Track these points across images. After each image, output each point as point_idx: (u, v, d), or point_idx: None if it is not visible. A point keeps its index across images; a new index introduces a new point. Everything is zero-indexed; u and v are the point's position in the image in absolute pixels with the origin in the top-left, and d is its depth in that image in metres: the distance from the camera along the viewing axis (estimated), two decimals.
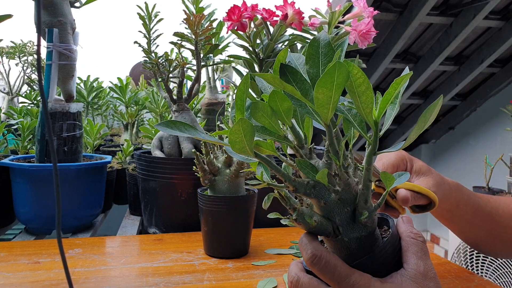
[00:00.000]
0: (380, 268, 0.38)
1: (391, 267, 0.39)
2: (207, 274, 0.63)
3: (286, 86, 0.33)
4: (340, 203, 0.37)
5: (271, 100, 0.34)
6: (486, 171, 2.08)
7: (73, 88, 0.94)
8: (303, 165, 0.36)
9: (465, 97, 3.72)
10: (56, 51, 0.88)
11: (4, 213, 0.95)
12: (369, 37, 0.75)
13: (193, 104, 1.48)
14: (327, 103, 0.32)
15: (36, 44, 0.35)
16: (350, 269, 0.36)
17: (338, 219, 0.37)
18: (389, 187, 0.37)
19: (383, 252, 0.38)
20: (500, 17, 2.73)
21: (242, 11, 0.75)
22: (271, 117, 0.35)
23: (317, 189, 0.37)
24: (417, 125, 0.35)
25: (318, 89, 0.31)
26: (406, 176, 0.38)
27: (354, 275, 0.36)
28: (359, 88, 0.32)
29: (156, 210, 0.91)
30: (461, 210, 0.61)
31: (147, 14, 0.95)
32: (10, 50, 1.80)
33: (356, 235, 0.38)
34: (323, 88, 0.31)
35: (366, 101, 0.33)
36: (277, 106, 0.35)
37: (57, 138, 0.89)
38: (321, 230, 0.37)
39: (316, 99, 0.32)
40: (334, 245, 0.39)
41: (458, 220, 0.63)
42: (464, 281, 0.62)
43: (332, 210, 0.37)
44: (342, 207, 0.37)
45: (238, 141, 0.34)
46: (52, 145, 0.37)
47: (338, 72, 0.30)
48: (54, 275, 0.61)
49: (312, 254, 0.37)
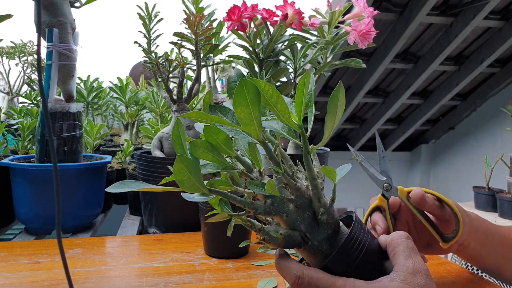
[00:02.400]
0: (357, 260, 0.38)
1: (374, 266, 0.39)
2: (207, 274, 0.63)
3: (212, 118, 0.35)
4: (299, 210, 0.38)
5: (207, 135, 0.36)
6: (486, 171, 2.08)
7: (73, 88, 0.94)
8: (254, 184, 0.38)
9: (465, 97, 3.72)
10: (56, 51, 0.88)
11: (4, 213, 0.95)
12: (369, 37, 0.75)
13: (193, 104, 1.48)
14: (250, 120, 0.34)
15: (36, 44, 0.35)
16: (332, 277, 0.37)
17: (303, 226, 0.38)
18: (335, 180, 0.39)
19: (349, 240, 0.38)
20: (500, 17, 2.73)
21: (242, 11, 0.75)
22: (212, 151, 0.37)
23: (275, 205, 0.38)
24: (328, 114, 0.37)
25: (236, 109, 0.33)
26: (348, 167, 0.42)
27: (338, 282, 0.36)
28: (271, 99, 0.34)
29: (156, 210, 0.91)
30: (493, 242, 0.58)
31: (147, 14, 0.95)
32: (10, 50, 1.80)
33: (323, 236, 0.38)
34: (240, 107, 0.33)
35: (282, 109, 0.35)
36: (214, 139, 0.36)
37: (57, 138, 0.89)
38: (291, 242, 0.38)
39: (240, 120, 0.34)
40: (309, 254, 0.39)
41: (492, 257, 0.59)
42: (464, 281, 0.62)
43: (295, 220, 0.38)
44: (302, 213, 0.38)
45: (185, 180, 0.34)
46: (52, 145, 0.37)
47: (246, 89, 0.32)
48: (54, 275, 0.61)
49: (295, 276, 0.37)
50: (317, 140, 3.36)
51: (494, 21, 2.73)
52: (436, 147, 4.34)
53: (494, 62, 3.16)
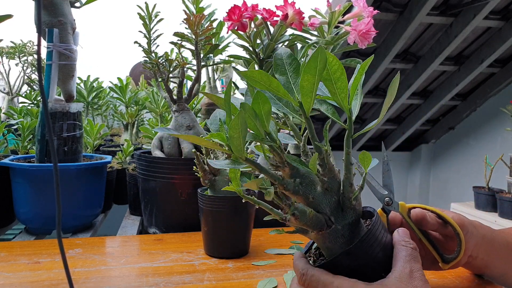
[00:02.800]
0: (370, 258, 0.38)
1: (382, 267, 0.39)
2: (207, 274, 0.63)
3: (272, 81, 0.34)
4: (328, 193, 0.39)
5: (255, 102, 0.36)
6: (486, 171, 2.08)
7: (73, 88, 0.94)
8: (292, 159, 0.38)
9: (465, 97, 3.72)
10: (56, 51, 0.88)
11: (4, 213, 0.95)
12: (369, 37, 0.75)
13: (193, 104, 1.48)
14: (310, 91, 0.34)
15: (36, 44, 0.36)
16: (331, 277, 0.39)
17: (329, 210, 0.39)
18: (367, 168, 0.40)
19: (368, 237, 0.38)
20: (500, 17, 2.73)
21: (243, 11, 0.75)
22: (255, 119, 0.37)
23: (304, 186, 0.38)
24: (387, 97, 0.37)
25: (304, 76, 0.33)
26: (375, 161, 0.42)
27: (336, 281, 0.38)
28: (334, 74, 0.34)
29: (156, 210, 0.91)
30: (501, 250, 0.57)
31: (147, 14, 0.95)
32: (10, 50, 1.80)
33: (347, 221, 0.39)
34: (307, 75, 0.33)
35: (341, 87, 0.35)
36: (259, 108, 0.36)
37: (57, 138, 0.89)
38: (316, 222, 0.38)
39: (302, 88, 0.34)
40: (328, 238, 0.39)
41: (502, 263, 0.58)
42: (464, 281, 0.62)
43: (320, 202, 0.39)
44: (330, 197, 0.39)
45: (235, 137, 0.34)
46: (52, 145, 0.37)
47: (320, 57, 0.32)
48: (54, 275, 0.61)
49: (300, 273, 0.41)
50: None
51: (494, 21, 2.73)
52: (436, 147, 4.34)
53: (494, 62, 3.16)
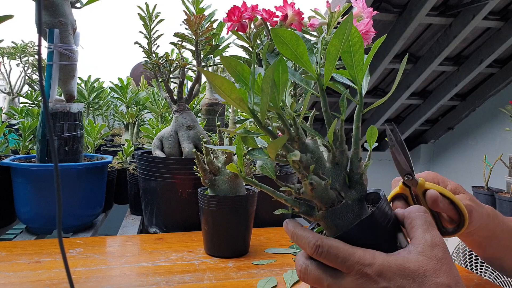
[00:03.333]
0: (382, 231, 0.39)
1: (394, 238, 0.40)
2: (207, 273, 0.63)
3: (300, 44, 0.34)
4: (337, 169, 0.39)
5: (276, 70, 0.35)
6: (485, 171, 2.08)
7: (74, 88, 0.94)
8: (309, 130, 0.39)
9: (464, 97, 3.72)
10: (57, 52, 0.89)
11: (5, 213, 0.95)
12: (368, 37, 0.76)
13: (193, 104, 1.49)
14: (334, 58, 0.34)
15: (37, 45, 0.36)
16: (352, 248, 0.37)
17: (338, 185, 0.39)
18: (372, 144, 0.39)
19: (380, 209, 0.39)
20: (499, 18, 2.73)
21: (242, 12, 0.76)
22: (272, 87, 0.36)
23: (314, 160, 0.39)
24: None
25: (332, 41, 0.34)
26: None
27: (358, 252, 0.37)
28: (354, 46, 0.35)
29: (156, 209, 0.91)
30: (498, 236, 0.58)
31: (148, 14, 0.95)
32: (11, 51, 1.81)
33: (356, 196, 0.39)
34: (336, 39, 0.33)
35: (358, 59, 0.35)
36: (278, 77, 0.35)
37: (58, 138, 0.89)
38: (328, 196, 0.38)
39: (328, 53, 0.34)
40: (340, 213, 0.39)
41: (495, 246, 0.59)
42: (463, 280, 0.62)
43: (330, 177, 0.39)
44: (339, 172, 0.39)
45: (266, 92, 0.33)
46: (53, 145, 0.37)
47: (349, 24, 0.33)
48: (55, 274, 0.61)
49: (314, 245, 0.37)
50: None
51: (493, 22, 2.74)
52: (435, 147, 4.34)
53: (493, 63, 3.16)
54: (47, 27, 0.88)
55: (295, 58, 0.36)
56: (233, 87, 0.34)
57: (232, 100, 0.34)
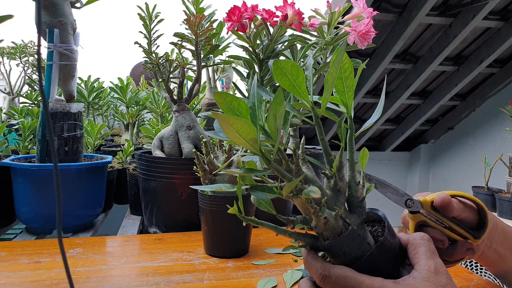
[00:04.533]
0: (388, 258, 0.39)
1: (397, 266, 0.40)
2: (207, 273, 0.63)
3: (300, 74, 0.35)
4: (339, 195, 0.39)
5: (274, 102, 0.35)
6: (485, 171, 2.08)
7: (74, 88, 0.94)
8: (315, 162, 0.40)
9: (465, 97, 3.72)
10: (56, 52, 0.89)
11: (5, 213, 0.95)
12: (369, 37, 0.76)
13: (193, 104, 1.49)
14: (331, 86, 0.35)
15: (36, 45, 0.36)
16: (360, 276, 0.37)
17: (343, 212, 0.39)
18: (363, 166, 0.40)
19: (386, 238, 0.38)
20: (499, 18, 2.74)
21: (242, 12, 0.76)
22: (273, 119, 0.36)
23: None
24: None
25: (330, 70, 0.34)
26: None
27: (366, 281, 0.36)
28: (345, 72, 0.36)
29: (156, 209, 0.91)
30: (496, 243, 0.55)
31: (148, 14, 0.95)
32: (11, 51, 1.81)
33: (359, 220, 0.39)
34: (333, 69, 0.34)
35: (349, 85, 0.36)
36: (276, 109, 0.35)
37: (58, 138, 0.89)
38: (338, 226, 0.38)
39: (326, 82, 0.35)
40: (347, 241, 0.38)
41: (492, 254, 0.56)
42: (463, 280, 0.62)
43: (334, 205, 0.38)
44: (340, 198, 0.39)
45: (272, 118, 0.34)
46: (53, 145, 0.37)
47: (343, 52, 0.34)
48: (55, 274, 0.61)
49: (321, 275, 0.37)
50: (315, 142, 3.36)
51: (493, 22, 2.74)
52: (435, 147, 4.34)
53: (493, 63, 3.16)
54: (47, 27, 0.88)
55: (292, 89, 0.36)
56: (252, 129, 0.32)
57: (246, 141, 0.33)
